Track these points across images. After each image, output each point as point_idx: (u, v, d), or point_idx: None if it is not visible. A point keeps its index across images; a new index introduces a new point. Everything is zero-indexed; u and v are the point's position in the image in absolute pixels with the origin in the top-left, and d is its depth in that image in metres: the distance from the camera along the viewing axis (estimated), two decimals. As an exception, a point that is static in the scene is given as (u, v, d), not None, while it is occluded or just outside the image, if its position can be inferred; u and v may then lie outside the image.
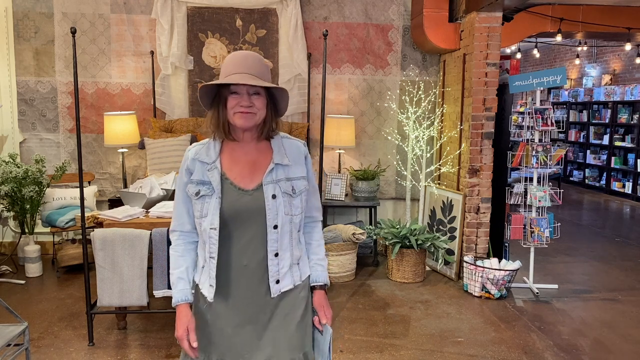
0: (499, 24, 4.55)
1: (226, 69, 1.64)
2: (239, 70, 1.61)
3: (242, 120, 1.63)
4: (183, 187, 1.72)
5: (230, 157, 1.70)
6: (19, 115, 5.20)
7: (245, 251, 1.67)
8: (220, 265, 1.68)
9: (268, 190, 1.66)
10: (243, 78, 1.59)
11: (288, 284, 1.71)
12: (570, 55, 11.39)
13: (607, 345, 3.58)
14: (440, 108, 5.32)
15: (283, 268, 1.69)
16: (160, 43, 5.12)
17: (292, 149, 1.75)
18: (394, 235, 4.67)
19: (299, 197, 1.71)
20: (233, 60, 1.64)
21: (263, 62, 1.67)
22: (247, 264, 1.67)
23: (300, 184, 1.72)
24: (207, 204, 1.65)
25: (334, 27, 5.37)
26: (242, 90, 1.63)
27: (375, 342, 3.53)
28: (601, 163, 10.35)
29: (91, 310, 3.43)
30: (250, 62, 1.63)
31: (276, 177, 1.68)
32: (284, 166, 1.70)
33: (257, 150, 1.72)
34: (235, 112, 1.63)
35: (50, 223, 4.71)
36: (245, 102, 1.62)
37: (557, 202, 4.57)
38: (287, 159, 1.71)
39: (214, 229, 1.64)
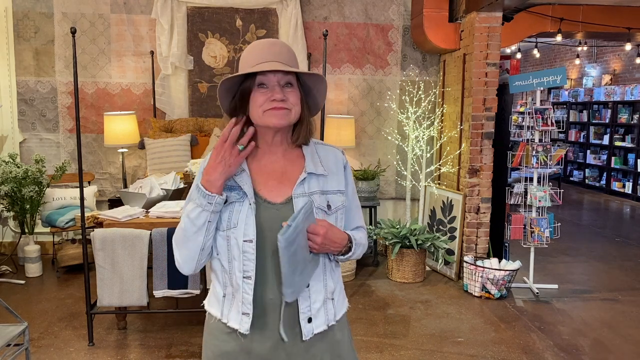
0: (499, 24, 4.55)
1: (250, 59, 1.36)
2: (267, 58, 1.34)
3: (276, 118, 1.34)
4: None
5: (254, 164, 1.42)
6: (19, 115, 5.20)
7: (268, 278, 1.36)
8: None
9: (299, 204, 1.36)
10: (273, 65, 1.32)
11: (321, 324, 1.41)
12: (570, 55, 11.39)
13: (607, 345, 3.58)
14: (440, 108, 5.32)
15: (316, 303, 1.40)
16: (160, 43, 5.12)
17: (329, 157, 1.47)
18: (394, 235, 4.67)
19: (334, 214, 1.42)
20: (257, 48, 1.37)
21: (291, 49, 1.40)
22: (273, 297, 1.36)
23: (337, 199, 1.44)
24: (237, 212, 1.35)
25: (334, 27, 5.37)
26: (272, 82, 1.34)
27: (375, 342, 3.53)
28: (601, 163, 10.35)
29: (91, 310, 3.43)
30: (279, 48, 1.37)
31: (309, 189, 1.40)
32: (318, 176, 1.42)
33: (286, 158, 1.43)
34: (266, 110, 1.34)
35: (50, 223, 4.71)
36: (278, 95, 1.33)
37: (557, 202, 4.57)
38: (322, 167, 1.43)
39: (250, 242, 1.34)
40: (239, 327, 1.37)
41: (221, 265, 1.39)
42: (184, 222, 1.35)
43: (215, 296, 1.44)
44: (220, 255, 1.39)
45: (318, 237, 1.33)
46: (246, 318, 1.36)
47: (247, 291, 1.35)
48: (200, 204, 1.32)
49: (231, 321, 1.38)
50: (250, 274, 1.34)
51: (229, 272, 1.38)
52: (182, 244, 1.37)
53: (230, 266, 1.37)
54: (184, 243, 1.36)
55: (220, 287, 1.42)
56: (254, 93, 1.35)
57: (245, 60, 1.37)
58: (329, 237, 1.36)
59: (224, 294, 1.41)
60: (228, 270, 1.38)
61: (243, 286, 1.35)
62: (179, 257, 1.39)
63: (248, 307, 1.35)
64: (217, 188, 1.32)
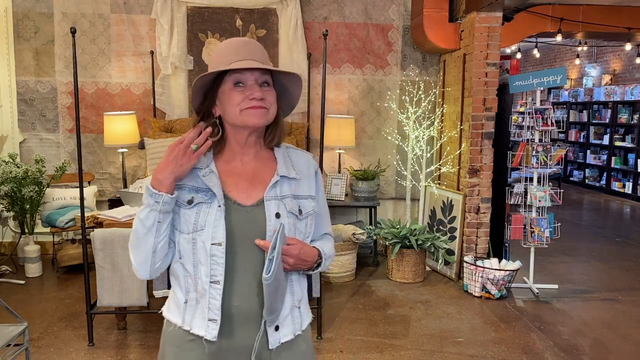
0: (499, 24, 4.55)
1: (225, 57, 1.32)
2: (242, 56, 1.31)
3: (255, 117, 1.31)
4: None
5: (224, 165, 1.38)
6: (18, 115, 5.20)
7: (236, 284, 1.32)
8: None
9: (271, 207, 1.34)
10: (252, 63, 1.29)
11: (288, 333, 1.39)
12: (570, 55, 11.39)
13: (607, 346, 3.57)
14: (440, 108, 5.32)
15: (284, 310, 1.37)
16: (160, 43, 5.12)
17: (300, 162, 1.45)
18: (394, 235, 4.67)
19: (305, 220, 1.40)
20: (231, 47, 1.33)
21: (264, 49, 1.39)
22: (239, 303, 1.32)
23: (308, 204, 1.41)
24: (204, 214, 1.31)
25: (334, 27, 5.37)
26: (250, 80, 1.31)
27: (375, 342, 3.53)
28: (601, 163, 10.35)
29: (91, 310, 3.43)
30: (253, 47, 1.34)
31: (281, 192, 1.37)
32: (290, 180, 1.39)
33: (258, 160, 1.40)
34: (244, 108, 1.31)
35: (50, 223, 4.71)
36: (257, 94, 1.30)
37: (557, 202, 4.57)
38: (294, 171, 1.41)
39: (219, 245, 1.29)
40: (204, 334, 1.31)
41: (184, 269, 1.34)
42: (135, 224, 1.31)
43: (175, 302, 1.38)
44: (184, 259, 1.33)
45: (291, 259, 1.32)
46: (213, 324, 1.31)
47: (215, 297, 1.30)
48: (148, 203, 1.28)
49: (195, 328, 1.33)
50: (218, 279, 1.30)
51: (194, 277, 1.32)
52: (135, 246, 1.32)
53: (196, 270, 1.31)
54: (136, 245, 1.32)
55: (182, 293, 1.36)
56: (231, 92, 1.32)
57: (219, 58, 1.33)
58: (301, 257, 1.34)
59: (186, 300, 1.35)
60: (193, 274, 1.32)
61: (210, 291, 1.30)
62: (133, 260, 1.34)
63: (216, 312, 1.30)
64: (166, 187, 1.28)
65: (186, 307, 1.35)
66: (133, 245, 1.33)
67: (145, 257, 1.31)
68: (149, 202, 1.29)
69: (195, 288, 1.33)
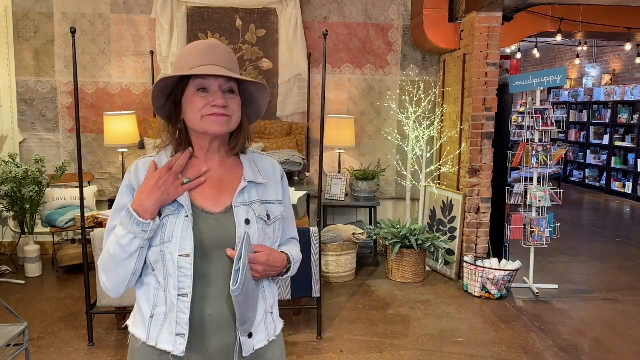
0: (499, 24, 4.55)
1: (190, 60, 1.28)
2: (207, 61, 1.27)
3: (216, 125, 1.27)
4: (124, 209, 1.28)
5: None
6: (18, 115, 5.20)
7: (208, 294, 1.29)
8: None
9: (240, 213, 1.31)
10: (217, 70, 1.25)
11: (262, 340, 1.37)
12: (570, 55, 11.39)
13: (607, 345, 3.57)
14: (440, 108, 5.32)
15: (257, 316, 1.35)
16: (160, 43, 5.12)
17: (266, 167, 1.43)
18: (394, 235, 4.67)
19: (273, 225, 1.38)
20: (197, 50, 1.29)
21: (233, 53, 1.34)
22: (211, 312, 1.29)
23: (276, 209, 1.39)
24: (171, 225, 1.27)
25: (334, 27, 5.37)
26: (214, 86, 1.28)
27: (375, 342, 3.53)
28: (601, 163, 10.35)
29: (91, 310, 3.42)
30: (220, 52, 1.29)
31: (249, 198, 1.34)
32: (257, 185, 1.37)
33: (223, 166, 1.37)
34: (206, 115, 1.27)
35: (50, 223, 4.71)
36: (220, 101, 1.26)
37: (557, 202, 4.57)
38: (261, 176, 1.39)
39: (187, 256, 1.25)
40: (172, 350, 1.27)
41: (157, 281, 1.29)
42: (114, 248, 1.26)
43: (141, 316, 1.32)
44: (157, 271, 1.29)
45: (260, 267, 1.31)
46: (181, 339, 1.27)
47: (183, 310, 1.26)
48: (132, 231, 1.23)
49: (161, 343, 1.28)
50: (187, 292, 1.26)
51: (164, 290, 1.28)
52: (111, 270, 1.27)
53: (166, 283, 1.27)
54: (113, 269, 1.27)
55: (149, 307, 1.30)
56: (193, 97, 1.28)
57: (184, 60, 1.30)
58: (270, 263, 1.33)
59: (152, 315, 1.30)
60: (163, 286, 1.28)
61: (178, 305, 1.26)
62: (106, 283, 1.28)
63: (184, 327, 1.26)
64: (151, 214, 1.24)
65: (151, 322, 1.30)
66: (108, 269, 1.27)
67: (123, 279, 1.28)
68: (133, 230, 1.24)
69: (165, 302, 1.29)
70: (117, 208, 1.34)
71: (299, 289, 3.51)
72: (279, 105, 5.36)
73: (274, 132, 5.22)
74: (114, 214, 1.33)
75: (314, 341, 3.52)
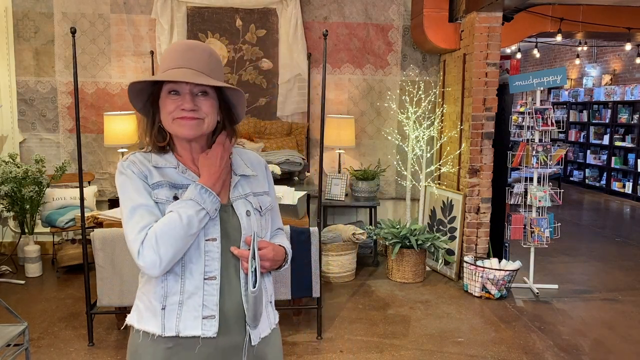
0: (499, 24, 4.55)
1: (165, 62, 1.29)
2: (180, 63, 1.26)
3: (185, 128, 1.28)
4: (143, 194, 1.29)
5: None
6: (18, 115, 5.20)
7: (225, 280, 1.32)
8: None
9: (239, 206, 1.35)
10: (185, 74, 1.24)
11: (266, 328, 1.42)
12: (570, 55, 11.39)
13: (607, 345, 3.57)
14: (440, 108, 5.32)
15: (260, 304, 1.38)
16: (160, 43, 5.12)
17: (252, 160, 1.47)
18: (394, 235, 4.67)
19: (265, 216, 1.42)
20: (174, 52, 1.29)
21: (214, 56, 1.31)
22: (228, 298, 1.32)
23: (265, 200, 1.43)
24: None
25: (334, 27, 5.37)
26: (184, 89, 1.27)
27: (375, 342, 3.53)
28: (601, 163, 10.35)
29: (91, 310, 3.43)
30: (197, 54, 1.27)
31: (243, 191, 1.38)
32: (248, 177, 1.41)
33: None
34: (175, 118, 1.28)
35: (50, 223, 4.71)
36: (188, 105, 1.26)
37: (557, 202, 4.57)
38: (249, 169, 1.42)
39: (214, 240, 1.29)
40: (201, 333, 1.28)
41: (174, 272, 1.29)
42: (182, 223, 1.24)
43: (150, 311, 1.31)
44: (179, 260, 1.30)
45: (267, 262, 1.34)
46: (212, 320, 1.28)
47: (212, 292, 1.29)
48: (206, 207, 1.26)
49: (187, 330, 1.28)
50: (214, 274, 1.29)
51: (182, 277, 1.29)
52: (171, 244, 1.23)
53: (184, 271, 1.28)
54: (173, 243, 1.24)
55: (157, 300, 1.30)
56: (166, 99, 1.28)
57: (163, 61, 1.30)
58: (275, 258, 1.37)
59: (163, 306, 1.29)
60: (181, 273, 1.29)
61: (205, 288, 1.28)
62: (162, 256, 1.23)
63: (213, 308, 1.28)
64: (217, 192, 1.31)
65: (164, 314, 1.29)
66: (169, 243, 1.23)
67: (178, 254, 1.26)
68: (208, 207, 1.27)
69: (180, 290, 1.29)
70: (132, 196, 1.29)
71: (299, 289, 3.51)
72: (279, 105, 5.36)
73: (274, 132, 5.22)
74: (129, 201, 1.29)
75: (314, 341, 3.52)
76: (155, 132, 1.34)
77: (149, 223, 1.25)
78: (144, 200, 1.28)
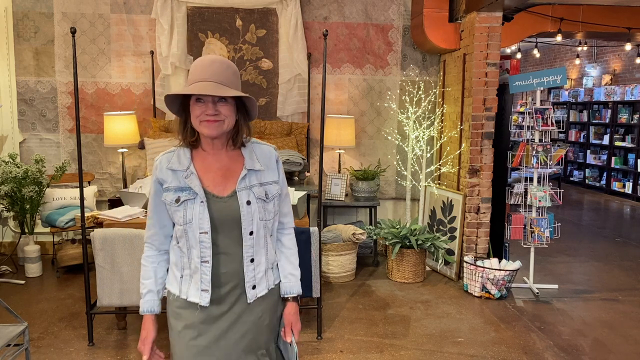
0: (499, 24, 4.55)
1: (192, 76, 1.59)
2: (204, 77, 1.56)
3: (209, 129, 1.59)
4: (155, 196, 1.69)
5: (202, 164, 1.67)
6: (18, 115, 5.20)
7: (221, 258, 1.64)
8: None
9: (242, 196, 1.64)
10: (206, 87, 1.53)
11: (263, 289, 1.71)
12: (571, 55, 11.39)
13: (607, 346, 3.57)
14: (440, 108, 5.32)
15: (259, 273, 1.69)
16: (160, 43, 5.12)
17: (264, 154, 1.73)
18: (394, 235, 4.67)
19: (272, 201, 1.70)
20: (199, 67, 1.60)
21: (231, 68, 1.61)
22: (225, 270, 1.65)
23: (273, 188, 1.71)
24: (190, 210, 1.61)
25: (334, 27, 5.37)
26: (207, 98, 1.58)
27: (375, 342, 3.53)
28: (601, 163, 10.35)
29: (91, 310, 3.43)
30: (216, 68, 1.57)
31: (249, 183, 1.67)
32: (256, 171, 1.69)
33: (229, 157, 1.69)
34: (201, 121, 1.59)
35: (50, 223, 4.71)
36: (210, 111, 1.57)
37: (557, 202, 4.57)
38: (259, 164, 1.70)
39: (205, 233, 1.61)
40: (199, 301, 1.64)
41: (181, 251, 1.67)
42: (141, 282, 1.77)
43: (174, 277, 1.71)
44: (181, 243, 1.66)
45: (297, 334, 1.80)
46: (205, 294, 1.63)
47: (206, 272, 1.63)
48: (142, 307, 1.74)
49: (191, 297, 1.65)
50: (207, 259, 1.62)
51: (188, 257, 1.65)
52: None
53: (189, 253, 1.64)
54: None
55: (178, 270, 1.69)
56: (194, 105, 1.59)
57: (191, 74, 1.60)
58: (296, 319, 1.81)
59: (182, 275, 1.68)
60: (187, 255, 1.65)
61: (201, 269, 1.63)
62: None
63: (207, 285, 1.63)
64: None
65: (182, 281, 1.68)
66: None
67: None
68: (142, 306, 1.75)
69: (189, 266, 1.65)
70: (152, 195, 1.70)
71: (299, 289, 3.51)
72: (279, 105, 5.36)
73: (274, 132, 5.22)
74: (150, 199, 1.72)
75: (314, 341, 3.52)
76: (187, 131, 1.65)
77: (153, 234, 1.74)
78: (155, 205, 1.71)
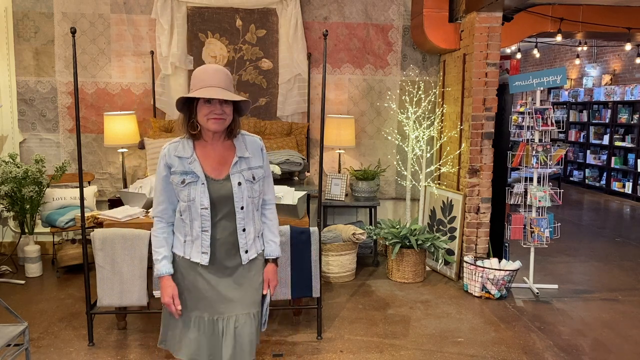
0: (499, 24, 4.55)
1: (200, 82, 1.96)
2: (212, 83, 1.95)
3: (216, 125, 1.99)
4: (164, 178, 2.06)
5: (202, 153, 2.06)
6: (19, 115, 5.20)
7: (217, 228, 2.06)
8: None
9: (234, 179, 2.05)
10: (217, 92, 1.92)
11: (253, 254, 2.14)
12: (570, 55, 11.39)
13: (607, 346, 3.58)
14: (440, 108, 5.32)
15: (250, 240, 2.11)
16: (160, 43, 5.12)
17: (251, 144, 2.14)
18: (394, 235, 4.67)
19: (258, 183, 2.11)
20: (205, 74, 1.97)
21: (229, 76, 2.02)
22: (220, 237, 2.06)
23: (258, 172, 2.12)
24: (193, 190, 2.01)
25: (334, 27, 5.37)
26: (215, 100, 1.95)
27: (375, 342, 3.53)
28: (601, 163, 10.35)
29: (91, 310, 3.43)
30: (220, 76, 1.98)
31: (240, 168, 2.07)
32: (245, 158, 2.09)
33: (224, 147, 2.08)
34: (209, 119, 1.98)
35: (50, 223, 4.71)
36: (218, 111, 1.96)
37: (557, 202, 4.57)
38: (247, 152, 2.10)
39: (206, 209, 2.03)
40: (200, 261, 2.06)
41: (184, 222, 2.07)
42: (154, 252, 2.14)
43: (178, 241, 2.11)
44: (184, 215, 2.05)
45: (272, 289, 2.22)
46: (205, 255, 2.06)
47: (205, 239, 2.05)
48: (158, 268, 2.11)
49: (193, 258, 2.07)
50: (207, 229, 2.04)
51: (190, 227, 2.05)
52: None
53: (192, 223, 2.05)
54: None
55: (182, 236, 2.09)
56: (202, 106, 1.98)
57: (197, 78, 1.97)
58: (274, 277, 2.22)
59: (185, 240, 2.08)
60: (189, 225, 2.05)
61: (202, 236, 2.05)
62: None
63: (207, 248, 2.05)
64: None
65: (185, 245, 2.09)
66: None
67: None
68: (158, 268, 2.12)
69: (191, 233, 2.07)
70: (159, 177, 2.08)
71: (299, 289, 3.51)
72: (279, 105, 5.36)
73: (274, 132, 5.22)
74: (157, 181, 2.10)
75: (314, 341, 3.52)
76: (190, 125, 2.02)
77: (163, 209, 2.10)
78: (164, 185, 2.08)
